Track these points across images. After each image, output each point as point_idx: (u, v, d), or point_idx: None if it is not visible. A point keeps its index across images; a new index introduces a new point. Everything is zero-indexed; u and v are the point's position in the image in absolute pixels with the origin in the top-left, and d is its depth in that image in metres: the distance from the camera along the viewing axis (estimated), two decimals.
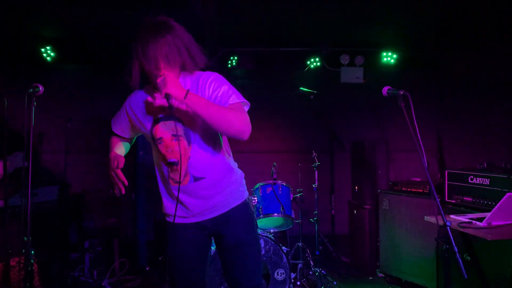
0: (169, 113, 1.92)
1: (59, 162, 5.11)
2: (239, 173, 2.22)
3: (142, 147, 5.31)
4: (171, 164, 2.01)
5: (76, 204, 5.16)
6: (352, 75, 5.38)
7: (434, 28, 4.77)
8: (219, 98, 1.95)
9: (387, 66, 5.56)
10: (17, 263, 3.44)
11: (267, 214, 3.94)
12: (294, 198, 4.28)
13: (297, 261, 4.29)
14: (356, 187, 5.00)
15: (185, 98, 1.82)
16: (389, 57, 5.50)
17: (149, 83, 2.03)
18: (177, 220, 2.10)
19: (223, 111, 1.87)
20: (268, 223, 4.20)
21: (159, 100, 1.93)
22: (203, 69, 2.04)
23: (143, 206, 5.26)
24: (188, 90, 1.84)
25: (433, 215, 3.38)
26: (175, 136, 1.98)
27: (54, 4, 3.79)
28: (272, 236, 3.79)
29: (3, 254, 2.64)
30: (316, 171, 4.37)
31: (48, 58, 5.12)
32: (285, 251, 3.66)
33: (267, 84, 5.92)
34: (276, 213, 3.93)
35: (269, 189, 4.04)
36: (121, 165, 2.06)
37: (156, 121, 2.02)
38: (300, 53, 5.56)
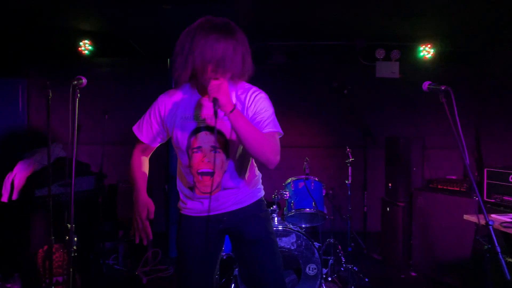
0: (213, 122, 1.86)
1: (95, 153, 5.26)
2: (259, 175, 2.24)
3: None
4: (203, 174, 1.99)
5: (111, 194, 5.29)
6: (388, 69, 5.27)
7: (473, 23, 4.62)
8: (258, 120, 1.92)
9: (424, 61, 5.42)
10: (58, 249, 3.56)
11: (299, 209, 3.93)
12: (326, 194, 4.25)
13: (328, 257, 4.27)
14: (390, 184, 4.92)
15: (230, 112, 1.77)
16: (426, 52, 5.36)
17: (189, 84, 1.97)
18: (193, 213, 2.11)
19: (260, 138, 1.84)
20: (300, 218, 4.19)
21: (207, 107, 1.91)
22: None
23: (175, 197, 5.34)
24: (235, 105, 1.80)
25: (472, 214, 3.30)
26: (214, 148, 1.95)
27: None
28: (303, 231, 3.78)
29: (46, 240, 2.74)
30: (349, 167, 4.33)
31: (86, 52, 5.25)
32: (316, 247, 3.65)
33: (299, 78, 5.89)
34: (308, 208, 3.92)
35: (301, 184, 4.02)
36: (151, 215, 2.00)
37: (197, 130, 1.96)
38: (334, 47, 5.49)
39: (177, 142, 2.00)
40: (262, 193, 2.22)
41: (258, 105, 1.94)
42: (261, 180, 2.25)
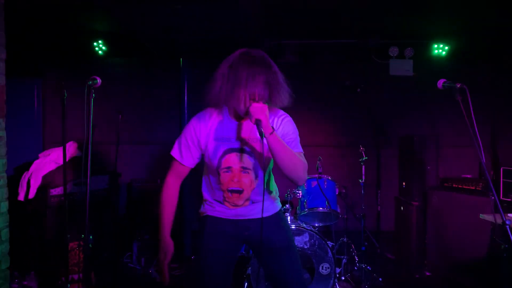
0: (249, 144, 2.05)
1: (110, 153, 5.30)
2: (276, 187, 2.39)
3: None
4: (233, 192, 2.12)
5: (125, 193, 5.34)
6: (402, 67, 5.22)
7: (488, 20, 4.56)
8: (290, 141, 2.07)
9: (438, 58, 5.36)
10: (73, 248, 3.60)
11: (312, 208, 3.92)
12: (340, 193, 4.23)
13: (342, 256, 4.25)
14: (404, 183, 4.88)
15: (270, 134, 1.89)
16: (440, 49, 5.30)
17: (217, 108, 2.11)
18: (222, 215, 2.21)
19: (294, 157, 1.99)
20: (313, 217, 4.18)
21: (244, 130, 2.05)
22: None
23: (189, 196, 5.37)
24: (274, 129, 1.94)
25: (488, 213, 3.26)
26: (244, 168, 2.09)
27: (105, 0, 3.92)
28: (317, 230, 3.77)
29: (62, 239, 2.78)
30: (363, 166, 4.30)
31: (100, 52, 5.30)
32: (330, 246, 3.63)
33: (312, 77, 5.86)
34: (321, 207, 3.90)
35: (314, 183, 4.02)
36: (169, 258, 2.17)
37: (229, 150, 2.08)
38: (347, 45, 5.45)
39: (209, 161, 2.12)
40: (280, 205, 2.35)
41: (286, 127, 2.09)
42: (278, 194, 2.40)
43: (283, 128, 2.08)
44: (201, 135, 2.10)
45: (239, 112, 2.01)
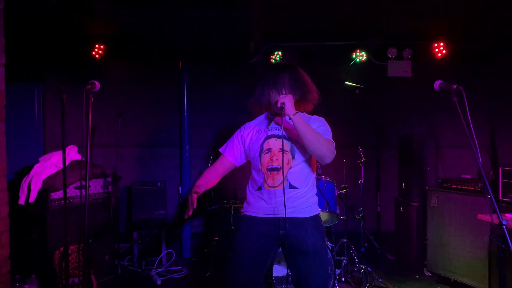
0: (280, 130, 2.34)
1: (109, 156, 5.32)
2: (316, 191, 2.50)
3: (188, 141, 5.44)
4: (272, 170, 2.31)
5: (126, 196, 5.36)
6: (400, 68, 5.23)
7: (487, 19, 4.57)
8: (320, 130, 2.34)
9: (437, 59, 5.37)
10: (74, 251, 3.62)
11: None
12: (339, 194, 4.24)
13: (342, 258, 4.26)
14: (403, 184, 4.89)
15: (294, 114, 2.18)
16: (438, 50, 5.31)
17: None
18: (257, 214, 2.35)
19: (318, 136, 2.24)
20: None
21: (283, 120, 2.30)
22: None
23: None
24: (297, 111, 2.23)
25: (486, 213, 3.27)
26: (282, 150, 2.31)
27: (103, 3, 3.93)
28: None
29: (62, 242, 2.79)
30: (362, 167, 4.31)
31: (99, 56, 5.32)
32: (329, 247, 3.64)
33: (311, 78, 5.87)
34: (321, 208, 3.90)
35: None
36: (200, 190, 2.37)
37: (268, 137, 2.38)
38: (345, 47, 5.47)
39: (252, 150, 2.41)
40: (319, 210, 2.45)
41: (318, 123, 2.43)
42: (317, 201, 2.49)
43: (314, 123, 2.40)
44: (244, 131, 2.50)
45: (273, 109, 2.37)
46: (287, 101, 2.19)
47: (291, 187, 2.29)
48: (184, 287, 4.29)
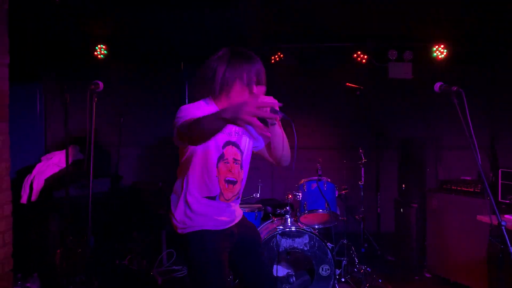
0: (236, 135, 2.18)
1: (111, 155, 5.35)
2: None
3: None
4: (229, 183, 2.18)
5: (127, 195, 5.38)
6: (400, 70, 5.26)
7: (487, 21, 4.59)
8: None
9: (437, 61, 5.39)
10: (77, 249, 3.64)
11: (312, 210, 3.94)
12: (339, 195, 4.26)
13: (342, 258, 4.27)
14: (403, 185, 4.91)
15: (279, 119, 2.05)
16: (439, 52, 5.34)
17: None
18: (214, 228, 2.17)
19: (287, 143, 2.18)
20: (312, 219, 4.21)
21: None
22: None
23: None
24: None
25: (486, 215, 3.28)
26: (235, 160, 2.20)
27: (106, 5, 3.96)
28: (317, 232, 3.80)
29: (64, 241, 2.81)
30: (362, 168, 4.33)
31: (101, 56, 5.34)
32: (330, 247, 3.66)
33: (311, 80, 5.90)
34: (321, 209, 3.93)
35: (314, 185, 4.04)
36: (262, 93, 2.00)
37: (227, 143, 2.17)
38: (346, 49, 5.50)
39: (208, 152, 2.12)
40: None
41: None
42: None
43: None
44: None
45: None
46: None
47: (239, 197, 2.30)
48: (185, 286, 4.30)
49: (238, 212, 2.32)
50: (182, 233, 2.19)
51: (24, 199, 3.99)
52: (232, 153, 2.17)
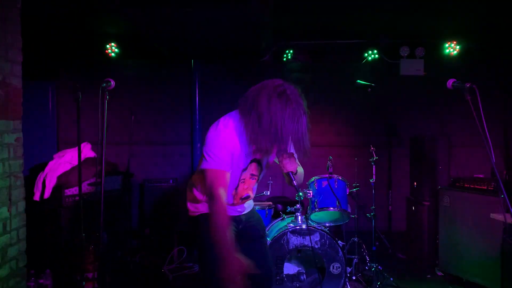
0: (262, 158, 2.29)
1: (123, 153, 5.38)
2: None
3: (199, 139, 5.47)
4: (243, 198, 2.37)
5: (138, 193, 5.41)
6: (412, 67, 5.21)
7: (500, 17, 4.53)
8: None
9: (450, 57, 5.34)
10: (90, 246, 3.67)
11: (322, 207, 3.93)
12: (350, 193, 4.23)
13: (352, 256, 4.26)
14: (415, 183, 4.87)
15: (296, 173, 2.21)
16: (451, 48, 5.28)
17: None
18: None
19: (302, 175, 2.39)
20: (323, 217, 4.19)
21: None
22: None
23: None
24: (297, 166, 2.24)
25: (500, 212, 3.25)
26: (252, 175, 2.32)
27: (118, 3, 3.97)
28: (327, 230, 3.79)
29: (76, 238, 2.84)
30: (373, 166, 4.30)
31: (113, 54, 5.38)
32: (340, 245, 3.64)
33: (322, 77, 5.87)
34: (332, 207, 3.91)
35: (324, 183, 4.02)
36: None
37: (251, 161, 2.26)
38: (357, 45, 5.46)
39: (233, 170, 2.18)
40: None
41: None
42: None
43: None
44: (238, 146, 2.16)
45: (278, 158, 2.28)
46: (293, 169, 2.21)
47: (248, 199, 2.44)
48: (196, 283, 4.32)
49: (248, 204, 2.49)
50: (193, 216, 2.39)
51: (37, 196, 4.03)
52: (251, 169, 2.29)
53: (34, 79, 5.43)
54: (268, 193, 4.74)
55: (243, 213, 2.46)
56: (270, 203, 4.63)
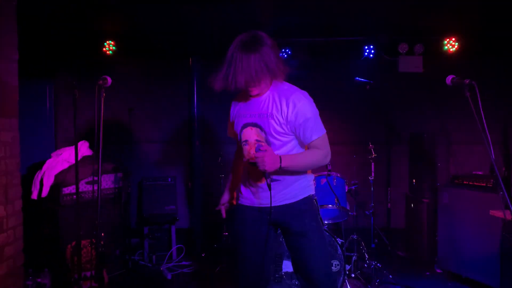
0: (253, 117, 2.23)
1: (121, 151, 5.37)
2: (310, 176, 2.39)
3: (198, 137, 5.45)
4: (251, 165, 2.20)
5: (136, 191, 5.40)
6: (411, 64, 5.19)
7: (499, 13, 4.51)
8: (303, 130, 2.17)
9: (448, 54, 5.32)
10: (85, 245, 3.66)
11: (321, 205, 3.92)
12: (349, 190, 4.23)
13: (351, 254, 4.25)
14: (414, 181, 4.87)
15: (280, 168, 2.08)
16: (450, 45, 5.26)
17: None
18: (245, 203, 2.38)
19: (309, 160, 2.19)
20: (322, 215, 4.18)
21: (251, 105, 2.26)
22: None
23: (199, 195, 5.40)
24: (280, 160, 2.07)
25: (498, 209, 3.24)
26: (258, 141, 2.22)
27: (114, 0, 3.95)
28: (326, 227, 3.78)
29: (74, 236, 2.83)
30: (372, 163, 4.30)
31: (110, 52, 5.35)
32: (339, 243, 3.64)
33: (321, 74, 5.85)
34: (331, 204, 3.91)
35: (323, 181, 4.01)
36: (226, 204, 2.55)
37: (245, 126, 2.26)
38: (356, 43, 5.43)
39: (235, 136, 2.36)
40: (311, 191, 2.37)
41: (301, 114, 2.16)
42: (312, 181, 2.41)
43: (296, 115, 2.15)
44: (231, 111, 2.42)
45: (248, 93, 2.22)
46: (267, 167, 2.03)
47: (272, 180, 2.23)
48: (194, 282, 4.31)
49: (277, 195, 2.26)
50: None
51: (34, 195, 4.02)
52: (251, 134, 2.24)
53: (32, 78, 5.41)
54: None
55: (268, 205, 2.27)
56: None
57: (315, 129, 2.20)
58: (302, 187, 2.31)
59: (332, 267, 3.58)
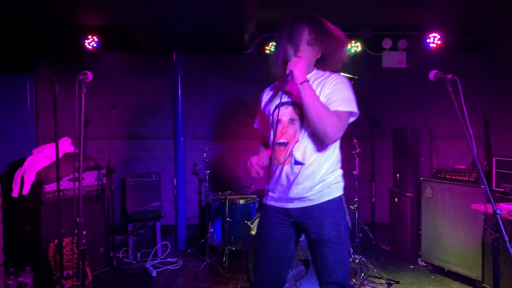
0: (291, 96, 2.15)
1: (103, 148, 5.30)
2: (339, 171, 2.27)
3: (182, 133, 5.41)
4: (280, 145, 2.14)
5: (120, 188, 5.34)
6: (395, 59, 5.22)
7: (482, 9, 4.56)
8: (330, 98, 2.07)
9: (432, 50, 5.37)
10: (68, 243, 3.60)
11: None
12: None
13: None
14: (398, 175, 4.91)
15: (301, 83, 1.99)
16: (433, 41, 5.30)
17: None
18: (270, 202, 2.24)
19: (323, 111, 2.00)
20: None
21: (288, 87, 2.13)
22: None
23: (183, 191, 5.38)
24: (307, 80, 2.01)
25: (480, 203, 3.28)
26: (292, 120, 2.13)
27: None
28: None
29: (56, 234, 2.78)
30: (356, 158, 4.32)
31: (92, 46, 5.27)
32: None
33: None
34: None
35: None
36: (260, 162, 2.21)
37: (279, 105, 2.16)
38: None
39: (268, 121, 2.25)
40: (339, 191, 2.22)
41: (334, 86, 2.10)
42: (341, 178, 2.27)
43: (332, 87, 2.09)
44: (262, 98, 2.36)
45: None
46: (296, 69, 1.97)
47: (296, 163, 2.09)
48: (180, 278, 4.29)
49: (300, 187, 2.11)
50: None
51: (15, 193, 3.94)
52: (286, 113, 2.15)
53: (11, 73, 5.29)
54: (253, 186, 4.73)
55: (290, 207, 2.18)
56: (255, 196, 4.62)
57: (345, 102, 2.09)
58: (328, 187, 2.15)
59: None
